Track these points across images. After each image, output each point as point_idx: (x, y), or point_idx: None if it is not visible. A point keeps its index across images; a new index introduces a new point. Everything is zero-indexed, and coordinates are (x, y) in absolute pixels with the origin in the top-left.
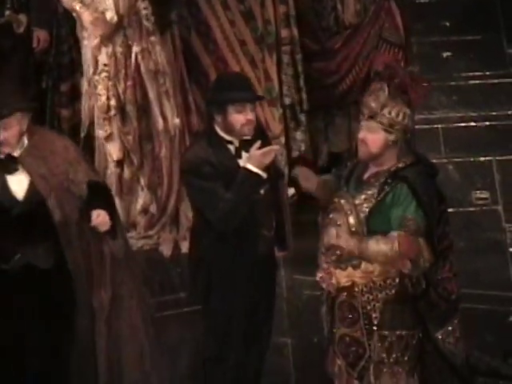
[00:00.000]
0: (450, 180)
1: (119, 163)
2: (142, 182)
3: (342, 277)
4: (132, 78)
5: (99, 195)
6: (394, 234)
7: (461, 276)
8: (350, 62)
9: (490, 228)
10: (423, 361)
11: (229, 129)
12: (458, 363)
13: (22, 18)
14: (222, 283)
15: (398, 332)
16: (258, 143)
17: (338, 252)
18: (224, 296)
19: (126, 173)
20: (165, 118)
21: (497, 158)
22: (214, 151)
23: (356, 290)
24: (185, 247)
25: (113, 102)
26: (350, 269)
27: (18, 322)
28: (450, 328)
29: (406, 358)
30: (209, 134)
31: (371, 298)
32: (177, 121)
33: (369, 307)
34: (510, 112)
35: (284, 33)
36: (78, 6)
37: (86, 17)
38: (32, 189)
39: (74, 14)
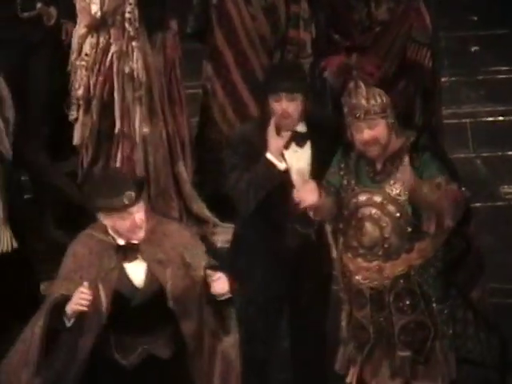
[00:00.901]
0: (477, 175)
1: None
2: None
3: (397, 266)
4: (103, 75)
5: None
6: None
7: (490, 271)
8: (379, 60)
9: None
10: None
11: (275, 118)
12: (491, 319)
13: (53, 10)
14: (247, 266)
15: (448, 303)
16: (287, 134)
17: (386, 245)
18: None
19: (83, 160)
20: (128, 123)
21: None
22: (260, 134)
23: (412, 273)
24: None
25: (80, 92)
26: (403, 255)
27: None
28: (479, 286)
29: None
30: (263, 119)
31: (426, 275)
32: (145, 130)
33: (425, 285)
34: None
35: (291, 33)
36: None
37: (78, 4)
38: (150, 276)
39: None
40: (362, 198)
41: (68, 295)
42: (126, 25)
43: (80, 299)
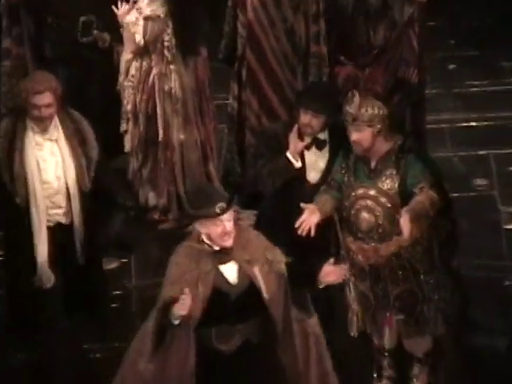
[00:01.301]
0: (454, 170)
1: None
2: (144, 176)
3: (390, 247)
4: (147, 93)
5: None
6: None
7: (463, 248)
8: (353, 84)
9: (488, 209)
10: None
11: (299, 126)
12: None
13: (106, 36)
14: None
15: (433, 274)
16: (308, 139)
17: (380, 230)
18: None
19: (134, 164)
20: (168, 132)
21: (493, 151)
22: (286, 134)
23: (403, 251)
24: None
25: (129, 107)
26: (395, 237)
27: None
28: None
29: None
30: (290, 123)
31: (414, 253)
32: (182, 137)
33: (414, 260)
34: (504, 114)
35: (313, 48)
36: (124, 24)
37: (125, 33)
38: (241, 274)
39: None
40: (360, 191)
41: (175, 297)
42: (165, 51)
43: (182, 305)
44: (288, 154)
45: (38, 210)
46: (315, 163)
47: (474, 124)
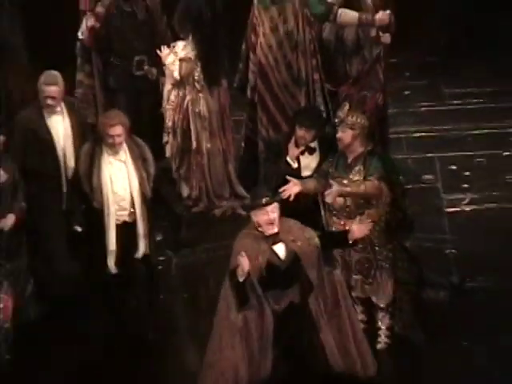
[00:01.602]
0: (408, 168)
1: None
2: (181, 175)
3: (355, 224)
4: (183, 114)
5: None
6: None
7: (416, 226)
8: (350, 99)
9: (433, 197)
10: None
11: (296, 137)
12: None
13: (154, 70)
14: None
15: (388, 246)
16: (302, 147)
17: (348, 210)
18: None
19: (173, 167)
20: (198, 142)
21: (437, 154)
22: (286, 143)
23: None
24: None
25: (170, 124)
26: (358, 217)
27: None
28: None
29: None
30: (290, 135)
31: (372, 230)
32: (208, 146)
33: (372, 236)
34: (445, 127)
35: (316, 76)
36: (166, 63)
37: (166, 70)
38: (288, 251)
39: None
40: (336, 180)
41: (238, 263)
42: (196, 84)
43: (242, 265)
44: (288, 158)
45: (109, 211)
46: (308, 164)
47: (423, 134)
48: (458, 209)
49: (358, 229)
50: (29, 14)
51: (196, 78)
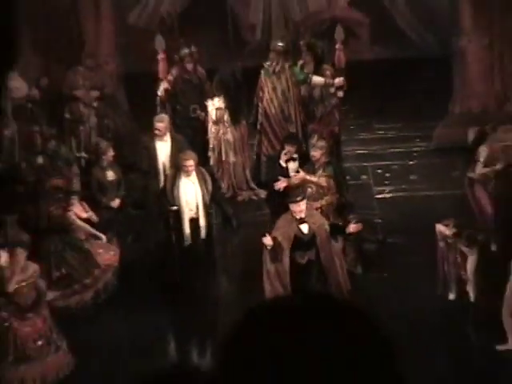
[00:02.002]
0: (353, 172)
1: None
2: (219, 176)
3: (317, 204)
4: (218, 140)
5: None
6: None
7: (355, 208)
8: (318, 131)
9: (368, 189)
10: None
11: (284, 152)
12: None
13: (202, 114)
14: None
15: (339, 219)
16: (289, 157)
17: (314, 196)
18: None
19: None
20: (227, 157)
21: (370, 164)
22: (279, 155)
23: (323, 207)
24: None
25: (211, 146)
26: (316, 202)
27: None
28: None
29: None
30: (281, 150)
31: (326, 209)
32: (233, 159)
33: (326, 212)
34: (374, 148)
35: (303, 118)
36: (208, 110)
37: (209, 115)
38: (309, 229)
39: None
40: (306, 177)
41: (274, 236)
42: (225, 123)
43: (265, 240)
44: (280, 161)
45: (183, 211)
46: (292, 168)
47: (361, 152)
48: (381, 196)
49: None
50: (130, 84)
51: (225, 119)
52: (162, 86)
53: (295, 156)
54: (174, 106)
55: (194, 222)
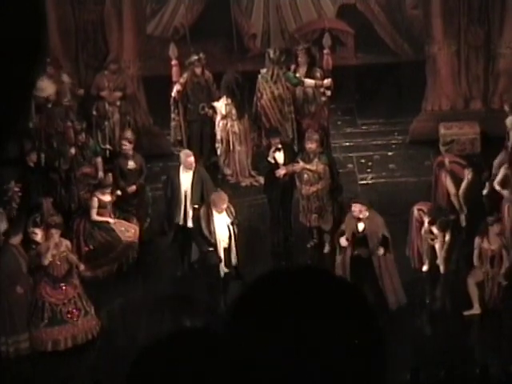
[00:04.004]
0: (340, 161)
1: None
2: (225, 163)
3: (314, 187)
4: (226, 133)
5: None
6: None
7: (344, 190)
8: (312, 126)
9: (352, 176)
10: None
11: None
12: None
13: (210, 111)
14: None
15: (330, 200)
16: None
17: (311, 180)
18: None
19: (221, 161)
20: (233, 147)
21: (354, 154)
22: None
23: (319, 191)
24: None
25: (219, 138)
26: (315, 185)
27: None
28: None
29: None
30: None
31: (321, 192)
32: (239, 148)
33: (321, 194)
34: (358, 140)
35: (292, 114)
36: (218, 107)
37: (217, 111)
38: (364, 228)
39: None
40: (306, 165)
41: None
42: (233, 117)
43: (342, 241)
44: (269, 159)
45: (219, 246)
46: (279, 158)
47: (347, 144)
48: (364, 182)
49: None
50: (148, 85)
51: (233, 114)
52: (176, 88)
53: (279, 146)
54: (186, 104)
55: (226, 251)
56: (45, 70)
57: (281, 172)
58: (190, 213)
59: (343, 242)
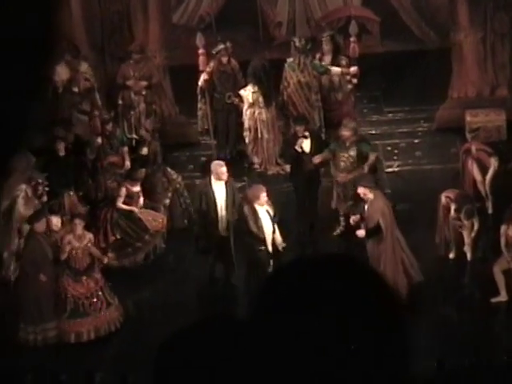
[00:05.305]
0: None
1: None
2: (253, 152)
3: (349, 176)
4: (253, 121)
5: None
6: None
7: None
8: (339, 114)
9: (379, 164)
10: None
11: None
12: None
13: (236, 99)
14: None
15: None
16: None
17: (348, 168)
18: None
19: (249, 149)
20: (262, 135)
21: (380, 142)
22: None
23: (355, 178)
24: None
25: (247, 126)
26: (351, 174)
27: None
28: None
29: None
30: None
31: (359, 178)
32: (266, 136)
33: (358, 181)
34: (384, 128)
35: (318, 102)
36: (244, 95)
37: (244, 100)
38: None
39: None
40: (340, 154)
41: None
42: (260, 104)
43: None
44: (296, 148)
45: (268, 239)
46: (306, 145)
47: (373, 132)
48: (391, 169)
49: (354, 219)
50: (174, 75)
51: (260, 102)
52: (202, 77)
53: (306, 134)
54: (212, 93)
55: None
56: (63, 56)
57: (316, 160)
58: (225, 224)
59: (360, 233)
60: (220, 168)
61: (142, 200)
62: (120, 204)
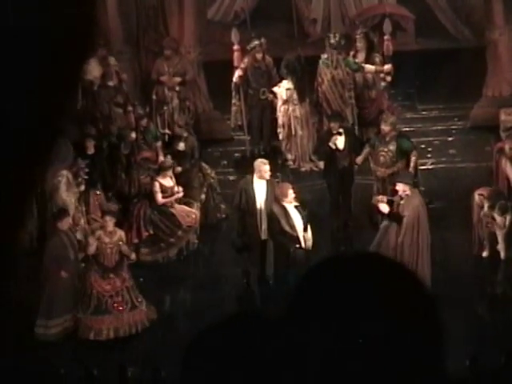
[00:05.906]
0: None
1: None
2: (287, 148)
3: (389, 170)
4: (287, 117)
5: None
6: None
7: None
8: (373, 112)
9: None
10: None
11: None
12: None
13: (271, 95)
14: None
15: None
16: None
17: (387, 163)
18: None
19: (283, 144)
20: (296, 131)
21: (414, 139)
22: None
23: (394, 172)
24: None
25: (281, 122)
26: (389, 168)
27: None
28: None
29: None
30: None
31: (397, 173)
32: (300, 132)
33: (400, 171)
34: (418, 125)
35: (351, 100)
36: (278, 92)
37: (278, 96)
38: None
39: None
40: (380, 149)
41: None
42: (294, 101)
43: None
44: (330, 144)
45: (300, 236)
46: (340, 142)
47: (407, 129)
48: (425, 167)
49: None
50: (209, 71)
51: (294, 98)
52: (237, 73)
53: (340, 130)
54: (247, 89)
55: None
56: (96, 52)
57: (359, 161)
58: (265, 226)
59: (384, 207)
60: (263, 166)
61: (181, 194)
62: (160, 199)
